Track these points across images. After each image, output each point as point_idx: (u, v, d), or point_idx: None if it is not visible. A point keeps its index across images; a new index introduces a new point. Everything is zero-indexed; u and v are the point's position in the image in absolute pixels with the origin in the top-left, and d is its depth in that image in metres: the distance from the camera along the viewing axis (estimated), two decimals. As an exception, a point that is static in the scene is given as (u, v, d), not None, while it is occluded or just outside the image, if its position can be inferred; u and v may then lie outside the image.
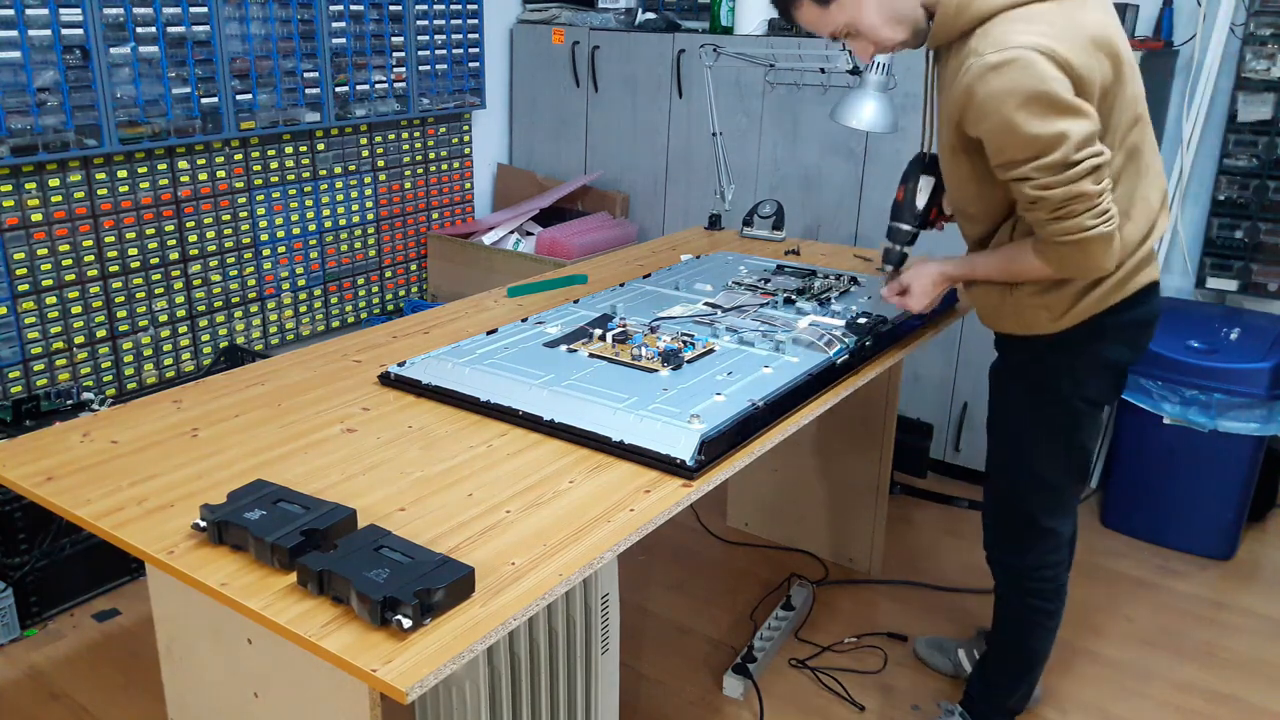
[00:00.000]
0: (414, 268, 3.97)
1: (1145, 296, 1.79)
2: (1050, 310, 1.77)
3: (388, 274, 3.88)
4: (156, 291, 3.13)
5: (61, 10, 2.68)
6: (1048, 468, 1.91)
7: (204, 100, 3.05)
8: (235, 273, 3.34)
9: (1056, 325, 1.78)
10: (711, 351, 1.87)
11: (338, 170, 3.59)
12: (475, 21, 3.88)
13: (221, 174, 3.23)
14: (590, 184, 4.00)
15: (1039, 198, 1.58)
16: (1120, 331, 1.80)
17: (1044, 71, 1.52)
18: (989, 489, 2.05)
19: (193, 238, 3.19)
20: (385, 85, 3.60)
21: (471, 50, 3.89)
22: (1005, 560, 2.03)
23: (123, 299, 3.05)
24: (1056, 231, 1.60)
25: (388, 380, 1.81)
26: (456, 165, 4.04)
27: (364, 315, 3.82)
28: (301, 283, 3.57)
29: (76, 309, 2.95)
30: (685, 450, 1.49)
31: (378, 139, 3.70)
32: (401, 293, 3.95)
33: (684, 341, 1.90)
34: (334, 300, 3.70)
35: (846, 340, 1.90)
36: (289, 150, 3.41)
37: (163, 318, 3.17)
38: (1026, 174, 1.57)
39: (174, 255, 3.15)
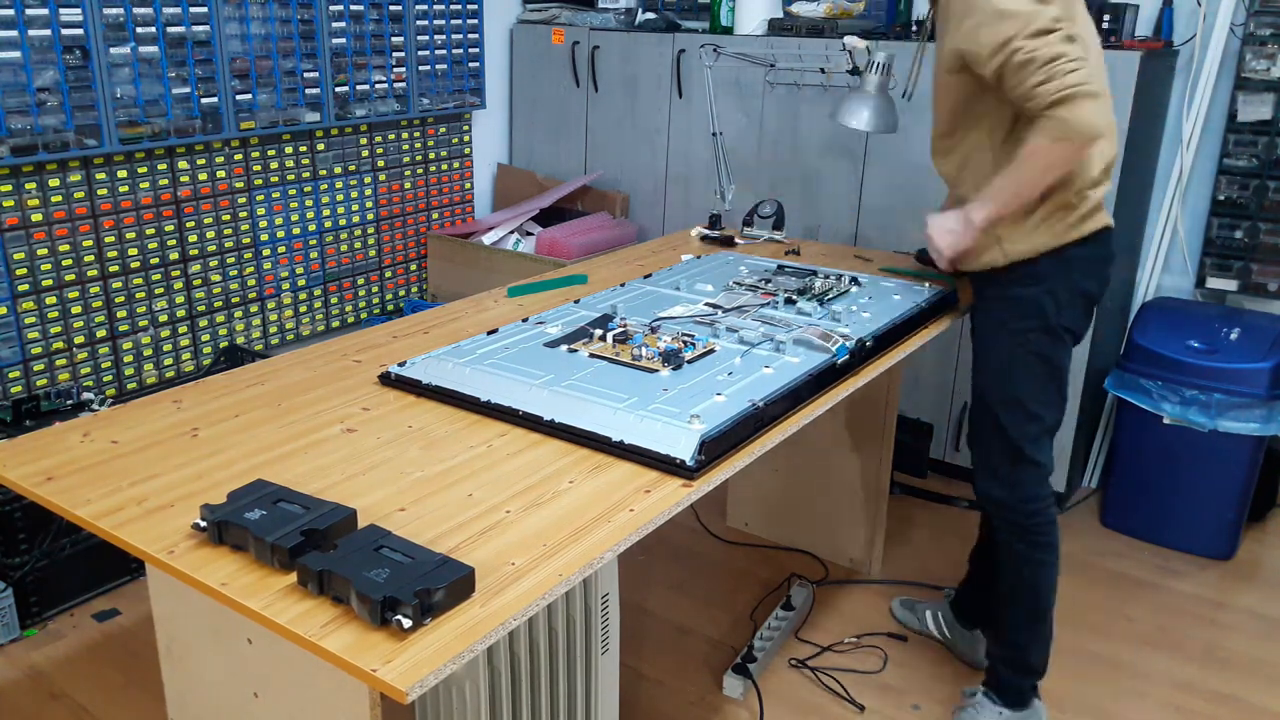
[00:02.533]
0: (414, 268, 3.97)
1: (1101, 237, 2.03)
2: (1026, 233, 1.98)
3: (388, 274, 3.88)
4: (156, 291, 3.14)
5: (61, 10, 2.68)
6: (1031, 395, 2.06)
7: (204, 100, 3.05)
8: (235, 273, 3.34)
9: (1032, 246, 1.99)
10: (712, 352, 1.87)
11: (338, 170, 3.59)
12: (475, 21, 3.88)
13: (221, 174, 3.23)
14: (590, 184, 4.00)
15: (1028, 58, 1.75)
16: (1085, 264, 2.02)
17: None
18: (977, 428, 2.16)
19: (193, 238, 3.19)
20: (385, 85, 3.60)
21: (471, 50, 3.89)
22: (998, 497, 2.13)
23: (123, 299, 3.05)
24: (1048, 91, 1.74)
25: (388, 380, 1.81)
26: (456, 165, 4.04)
27: (364, 315, 3.82)
28: (301, 283, 3.57)
29: (76, 309, 2.95)
30: (685, 450, 1.49)
31: (378, 139, 3.70)
32: (401, 293, 3.95)
33: (684, 342, 1.90)
34: (334, 300, 3.70)
35: (847, 340, 1.90)
36: (289, 150, 3.41)
37: (163, 318, 3.17)
38: (1015, 45, 1.76)
39: (174, 255, 3.15)
